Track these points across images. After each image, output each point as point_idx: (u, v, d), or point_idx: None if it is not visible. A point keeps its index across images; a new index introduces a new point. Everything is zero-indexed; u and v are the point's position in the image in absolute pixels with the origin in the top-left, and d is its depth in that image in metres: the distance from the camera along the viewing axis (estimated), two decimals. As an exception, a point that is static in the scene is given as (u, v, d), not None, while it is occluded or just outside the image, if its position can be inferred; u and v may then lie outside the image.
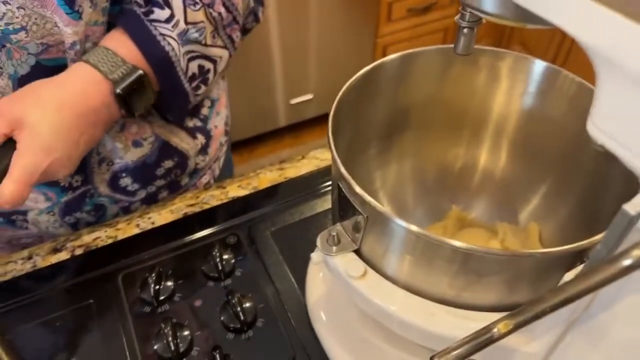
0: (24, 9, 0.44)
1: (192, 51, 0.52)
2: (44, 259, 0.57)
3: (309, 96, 1.91)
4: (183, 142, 0.65)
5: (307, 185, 0.64)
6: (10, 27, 0.45)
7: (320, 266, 0.51)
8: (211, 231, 0.58)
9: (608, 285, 0.25)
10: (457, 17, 0.35)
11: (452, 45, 0.38)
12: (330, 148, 0.37)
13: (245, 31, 0.62)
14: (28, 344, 0.49)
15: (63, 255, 0.57)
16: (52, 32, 0.47)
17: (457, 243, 0.32)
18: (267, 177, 0.66)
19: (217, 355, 0.46)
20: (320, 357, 0.47)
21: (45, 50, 0.48)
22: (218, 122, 0.71)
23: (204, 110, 0.68)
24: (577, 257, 0.32)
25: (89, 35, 0.50)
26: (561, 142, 0.44)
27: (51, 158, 0.43)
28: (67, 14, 0.46)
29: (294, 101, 1.90)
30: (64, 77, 0.47)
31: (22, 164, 0.42)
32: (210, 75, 0.57)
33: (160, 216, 0.61)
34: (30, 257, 0.57)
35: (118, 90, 0.47)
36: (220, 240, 0.57)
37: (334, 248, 0.39)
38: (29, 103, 0.44)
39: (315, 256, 0.40)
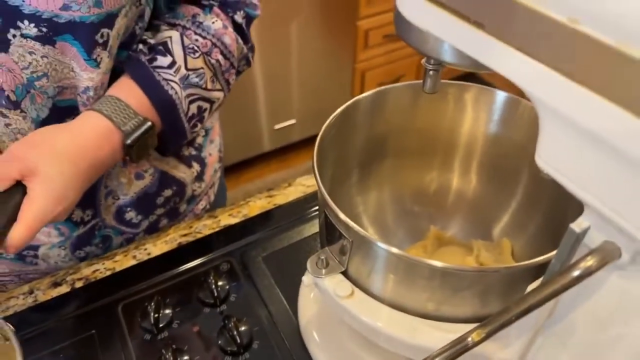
0: (47, 57, 0.48)
1: (193, 94, 0.56)
2: (45, 293, 0.59)
3: (292, 121, 1.96)
4: (179, 171, 0.68)
5: (295, 212, 0.67)
6: (35, 75, 0.48)
7: (310, 288, 0.55)
8: (205, 259, 0.61)
9: (563, 293, 0.28)
10: (423, 61, 0.39)
11: (421, 81, 0.43)
12: (316, 179, 0.41)
13: (238, 73, 0.66)
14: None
15: (63, 289, 0.59)
16: (68, 77, 0.50)
17: (433, 262, 0.35)
18: (257, 205, 0.69)
19: (217, 378, 0.48)
20: (314, 375, 0.50)
21: (61, 92, 0.51)
22: (212, 150, 0.74)
23: (199, 139, 0.71)
24: (541, 270, 0.36)
25: (104, 83, 0.53)
26: (526, 163, 0.48)
27: (62, 207, 0.46)
28: (85, 60, 0.49)
29: (278, 126, 1.94)
30: (79, 127, 0.50)
31: (34, 210, 0.44)
32: (206, 114, 0.60)
33: (156, 247, 0.64)
34: (31, 292, 0.59)
35: (129, 142, 0.51)
36: (214, 267, 0.60)
37: (323, 271, 0.42)
38: (45, 152, 0.46)
39: (306, 279, 0.44)
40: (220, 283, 0.58)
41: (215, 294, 0.56)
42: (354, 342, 0.50)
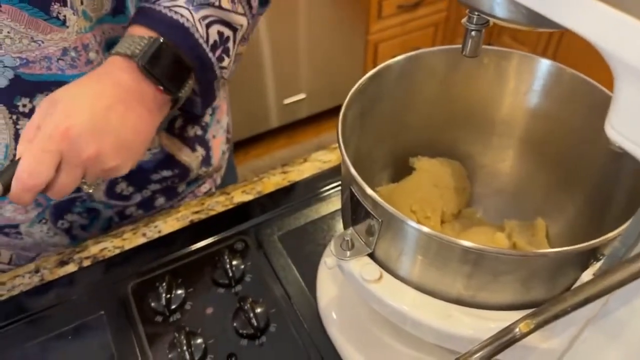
0: None
1: (209, 15, 0.51)
2: (52, 272, 0.56)
3: (301, 96, 1.91)
4: (184, 154, 0.65)
5: (311, 188, 0.64)
6: None
7: (329, 270, 0.52)
8: (218, 238, 0.58)
9: (630, 283, 0.25)
10: (464, 20, 0.35)
11: (458, 46, 0.39)
12: (341, 152, 0.37)
13: (263, 1, 0.61)
14: None
15: (70, 268, 0.57)
16: (29, 48, 0.46)
17: (468, 243, 0.32)
18: (271, 182, 0.66)
19: (233, 362, 0.46)
20: (334, 359, 0.47)
21: (26, 65, 0.47)
22: (217, 131, 0.71)
23: (206, 118, 0.68)
24: (591, 254, 0.33)
25: (86, 44, 0.49)
26: (567, 139, 0.44)
27: (70, 121, 0.42)
28: (45, 20, 0.45)
29: (287, 101, 1.90)
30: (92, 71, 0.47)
31: (41, 133, 0.42)
32: (230, 45, 0.54)
33: (166, 224, 0.61)
34: (37, 271, 0.57)
35: (142, 63, 0.46)
36: (228, 246, 0.57)
37: (348, 252, 0.39)
38: (59, 90, 0.44)
39: (330, 261, 0.41)
40: (234, 262, 0.55)
41: (230, 274, 0.53)
42: (377, 325, 0.47)
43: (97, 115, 0.44)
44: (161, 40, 0.47)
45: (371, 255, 0.39)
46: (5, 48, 0.46)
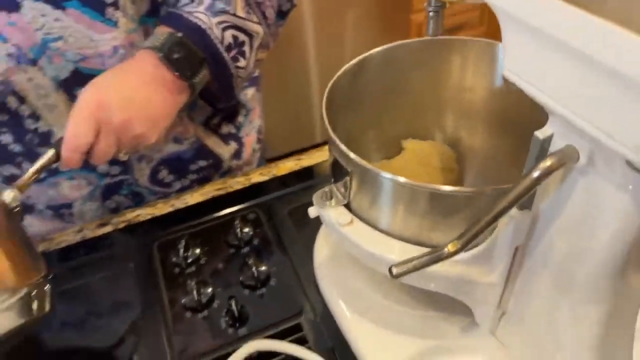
0: (60, 20, 0.54)
1: (224, 21, 0.59)
2: (93, 232, 0.66)
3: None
4: (218, 146, 0.74)
5: (322, 172, 0.71)
6: (49, 37, 0.55)
7: (326, 233, 0.58)
8: (234, 209, 0.66)
9: (526, 196, 0.30)
10: (425, 4, 0.42)
11: (428, 38, 0.45)
12: (323, 116, 0.44)
13: (281, 14, 0.69)
14: (82, 299, 0.58)
15: (108, 229, 0.66)
16: (89, 46, 0.57)
17: (421, 184, 0.38)
18: (286, 166, 0.73)
19: (233, 303, 0.53)
20: (323, 308, 0.53)
21: (84, 59, 0.58)
22: (250, 131, 0.80)
23: (240, 118, 0.77)
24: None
25: (132, 43, 0.60)
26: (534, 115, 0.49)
27: (103, 95, 0.52)
28: (101, 22, 0.55)
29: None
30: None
31: (76, 105, 0.52)
32: (247, 49, 0.62)
33: (193, 198, 0.70)
34: (80, 230, 0.66)
35: (161, 53, 0.55)
36: (242, 216, 0.65)
37: (327, 203, 0.46)
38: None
39: (312, 210, 0.47)
40: (245, 230, 0.62)
41: (240, 237, 0.61)
42: (360, 280, 0.53)
43: (125, 92, 0.54)
44: (178, 35, 0.56)
45: (347, 206, 0.46)
46: (69, 45, 0.56)
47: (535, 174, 0.29)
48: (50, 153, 0.52)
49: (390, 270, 0.34)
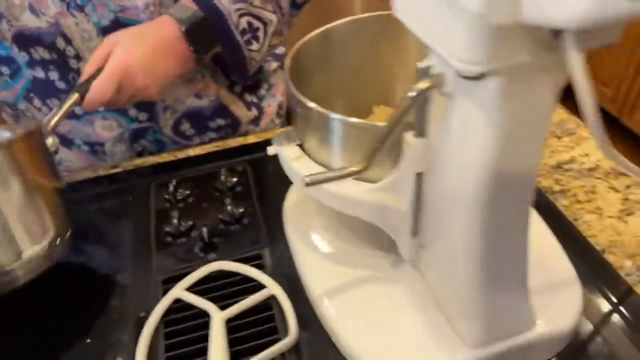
0: None
1: (241, 9, 0.69)
2: (105, 171, 0.76)
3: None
4: (238, 108, 0.83)
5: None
6: None
7: (297, 186, 0.65)
8: (225, 162, 0.75)
9: (408, 113, 0.37)
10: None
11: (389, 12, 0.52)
12: (284, 70, 0.52)
13: (296, 5, 0.78)
14: (87, 222, 0.68)
15: (118, 170, 0.76)
16: None
17: (350, 119, 0.44)
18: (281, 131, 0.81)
19: (205, 232, 0.61)
20: (284, 248, 0.60)
21: (123, 10, 0.68)
22: (272, 102, 0.88)
23: (262, 91, 0.86)
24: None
25: (162, 2, 0.69)
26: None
27: (129, 60, 0.62)
28: None
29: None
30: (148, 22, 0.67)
31: (109, 65, 0.61)
32: (260, 34, 0.72)
33: (194, 151, 0.79)
34: (95, 170, 0.77)
35: (184, 28, 0.65)
36: (231, 167, 0.73)
37: (284, 142, 0.53)
38: (118, 32, 0.65)
39: (270, 149, 0.54)
40: (231, 178, 0.70)
41: (225, 183, 0.69)
42: (319, 225, 0.59)
43: (147, 56, 0.64)
44: (203, 16, 0.66)
45: (301, 146, 0.53)
46: None
47: (412, 93, 0.36)
48: (74, 96, 0.62)
49: (303, 179, 0.41)
